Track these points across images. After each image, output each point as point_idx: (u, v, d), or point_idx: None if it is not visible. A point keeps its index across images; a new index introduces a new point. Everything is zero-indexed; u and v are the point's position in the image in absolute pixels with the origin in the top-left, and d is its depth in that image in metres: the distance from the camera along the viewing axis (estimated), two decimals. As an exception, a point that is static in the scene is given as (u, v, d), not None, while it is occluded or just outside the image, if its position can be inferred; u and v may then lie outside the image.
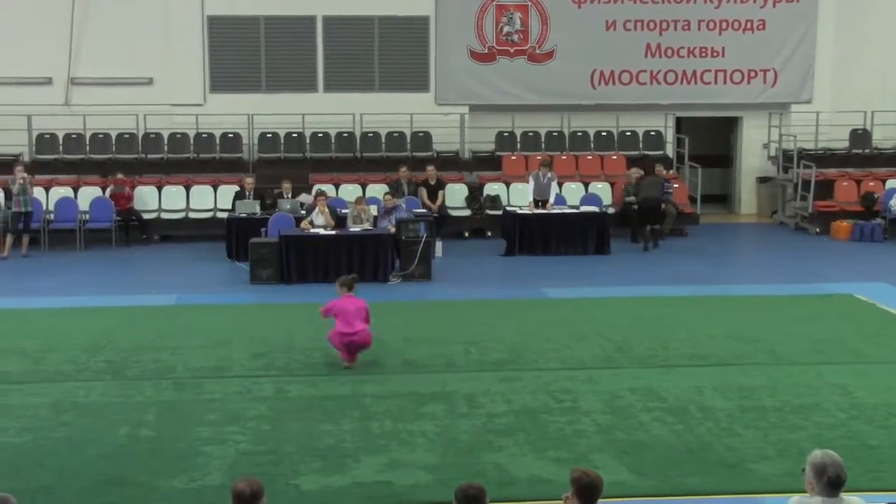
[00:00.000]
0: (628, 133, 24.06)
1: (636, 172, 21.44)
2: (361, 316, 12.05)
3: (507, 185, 22.41)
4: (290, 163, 22.55)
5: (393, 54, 23.51)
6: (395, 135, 23.22)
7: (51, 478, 8.93)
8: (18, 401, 10.99)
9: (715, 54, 24.14)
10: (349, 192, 21.37)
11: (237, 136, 22.84)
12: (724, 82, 24.30)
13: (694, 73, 24.18)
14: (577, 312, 15.01)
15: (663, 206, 20.89)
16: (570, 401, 10.94)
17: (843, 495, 5.66)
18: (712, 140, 25.55)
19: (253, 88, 23.20)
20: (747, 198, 25.31)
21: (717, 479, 8.90)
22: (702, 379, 11.66)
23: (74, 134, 22.54)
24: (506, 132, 23.71)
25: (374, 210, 18.76)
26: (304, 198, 19.93)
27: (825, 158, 23.84)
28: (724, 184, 26.06)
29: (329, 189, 21.08)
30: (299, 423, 10.31)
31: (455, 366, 12.33)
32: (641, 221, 20.75)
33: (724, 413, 10.51)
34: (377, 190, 21.17)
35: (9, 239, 19.47)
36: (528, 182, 20.96)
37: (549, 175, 20.50)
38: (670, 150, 24.22)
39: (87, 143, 22.61)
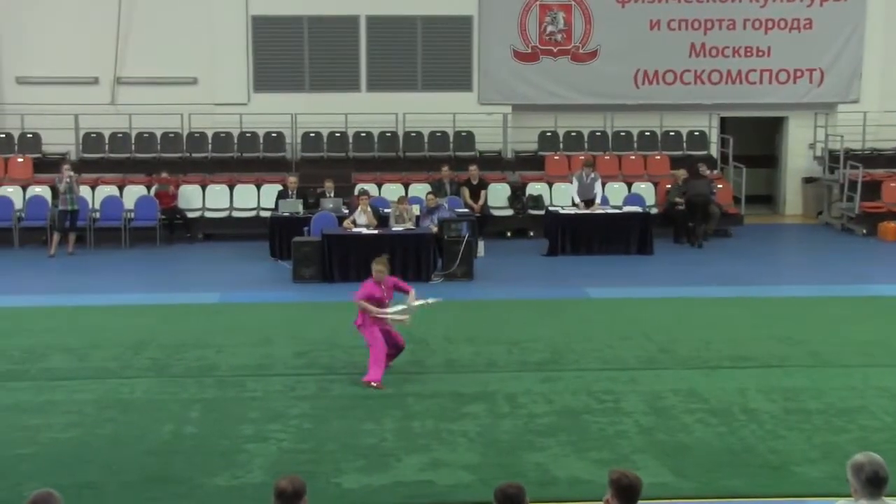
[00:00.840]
0: (672, 133, 23.93)
1: (682, 173, 21.37)
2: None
3: (550, 185, 22.35)
4: (332, 162, 22.63)
5: (436, 54, 23.52)
6: (437, 134, 23.24)
7: (96, 473, 9.02)
8: (64, 397, 11.10)
9: (760, 54, 23.94)
10: (392, 191, 21.41)
11: (280, 136, 22.95)
12: (770, 82, 24.10)
13: (739, 72, 23.99)
14: (619, 313, 14.95)
15: (709, 206, 20.84)
16: (611, 401, 10.89)
17: (889, 500, 5.58)
18: (757, 140, 25.35)
19: (296, 88, 23.30)
20: (793, 198, 25.09)
21: (760, 482, 8.83)
22: (745, 381, 11.57)
23: (120, 133, 22.75)
24: (549, 132, 23.66)
25: (416, 209, 18.77)
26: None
27: (872, 159, 23.58)
28: (769, 184, 25.85)
29: (372, 188, 21.13)
30: (341, 421, 10.34)
31: (497, 366, 12.32)
32: (688, 221, 20.68)
33: (768, 415, 10.43)
34: (420, 189, 21.18)
35: (55, 237, 19.67)
36: (570, 182, 20.93)
37: (592, 175, 20.46)
38: (714, 151, 24.06)
39: (133, 142, 22.81)
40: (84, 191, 20.64)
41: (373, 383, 11.31)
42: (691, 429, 10.07)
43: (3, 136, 22.52)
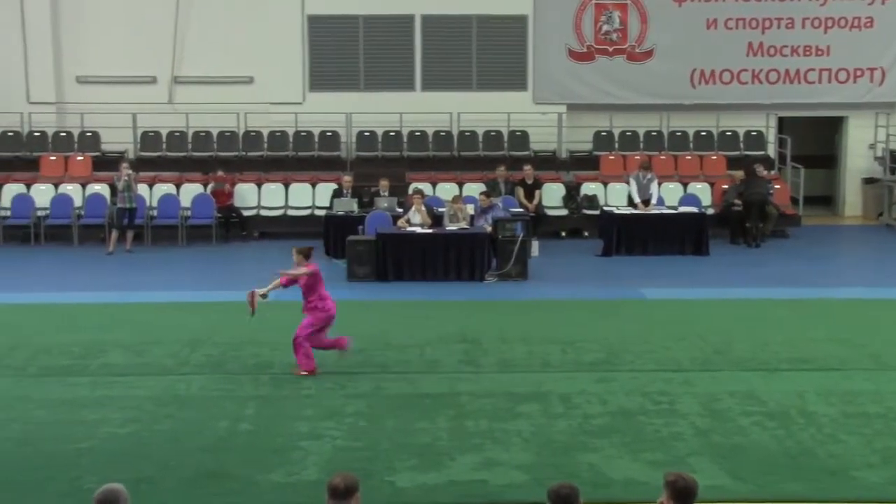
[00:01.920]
0: (728, 133, 23.72)
1: (740, 174, 21.22)
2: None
3: (605, 184, 22.24)
4: (387, 161, 22.68)
5: (491, 53, 23.50)
6: (492, 134, 23.21)
7: (152, 469, 9.10)
8: (122, 393, 11.22)
9: (820, 53, 23.66)
10: (446, 190, 21.42)
11: (335, 135, 23.04)
12: (829, 81, 23.81)
13: (797, 71, 23.73)
14: (674, 313, 14.84)
15: (766, 207, 20.67)
16: (666, 403, 10.81)
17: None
18: (816, 140, 25.05)
19: (351, 87, 23.38)
20: (852, 199, 24.76)
21: (818, 486, 8.71)
22: (803, 383, 11.43)
23: (177, 132, 22.96)
24: (604, 132, 23.55)
25: (470, 209, 18.76)
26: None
27: (934, 159, 23.24)
28: (827, 185, 25.52)
29: (426, 188, 21.15)
30: (395, 420, 10.36)
31: (551, 366, 12.28)
32: (745, 222, 20.52)
33: (827, 419, 10.29)
34: (474, 189, 21.17)
35: (114, 234, 19.90)
36: (625, 182, 20.85)
37: (648, 176, 20.37)
38: (772, 151, 23.81)
39: (190, 140, 23.01)
40: (141, 189, 20.86)
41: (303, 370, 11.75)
42: (748, 431, 9.96)
43: (64, 134, 22.82)
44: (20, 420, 10.38)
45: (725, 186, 21.68)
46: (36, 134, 22.78)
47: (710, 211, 21.19)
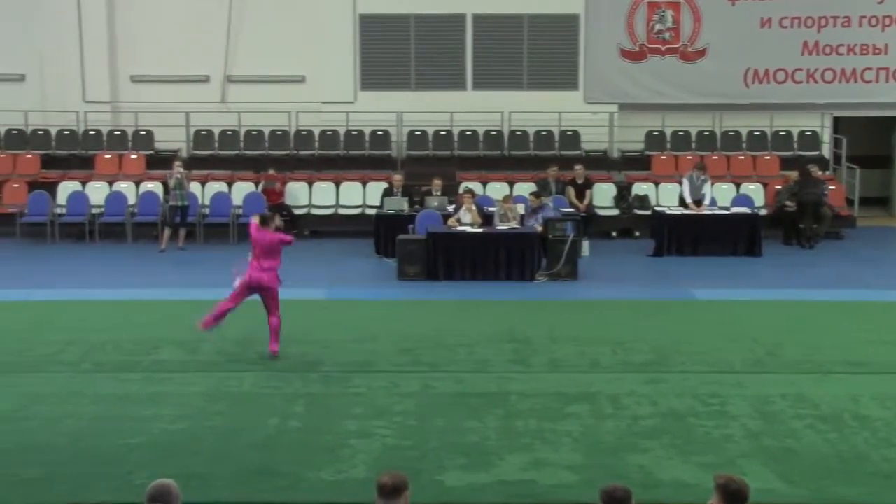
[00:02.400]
0: (782, 133, 23.47)
1: (794, 175, 21.01)
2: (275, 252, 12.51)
3: (657, 184, 22.10)
4: (438, 160, 22.68)
5: (542, 52, 23.41)
6: (543, 133, 23.15)
7: (203, 465, 9.18)
8: (173, 389, 11.33)
9: (877, 51, 23.32)
10: (496, 189, 21.39)
11: (386, 134, 23.10)
12: (886, 80, 23.43)
13: (854, 71, 23.40)
14: (726, 315, 14.72)
15: (820, 207, 20.45)
16: (717, 405, 10.73)
17: None
18: (871, 140, 24.70)
19: (402, 86, 23.41)
20: (909, 201, 24.43)
21: (872, 491, 8.61)
22: (857, 387, 11.29)
23: (230, 130, 23.13)
24: (655, 131, 23.40)
25: (521, 208, 18.72)
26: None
27: None
28: (884, 186, 25.15)
29: (476, 187, 21.13)
30: (444, 419, 10.37)
31: (601, 366, 12.23)
32: (798, 222, 20.31)
33: (882, 423, 10.17)
34: (524, 188, 21.10)
35: (166, 232, 20.08)
36: (678, 182, 20.73)
37: (703, 177, 20.23)
38: (826, 151, 23.53)
39: (242, 139, 23.17)
40: (194, 187, 21.01)
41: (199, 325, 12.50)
42: (800, 434, 9.87)
43: (118, 133, 23.07)
44: (74, 415, 10.51)
45: (779, 187, 21.45)
46: (91, 133, 23.05)
47: (763, 211, 20.99)
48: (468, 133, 23.12)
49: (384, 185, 21.04)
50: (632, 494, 5.55)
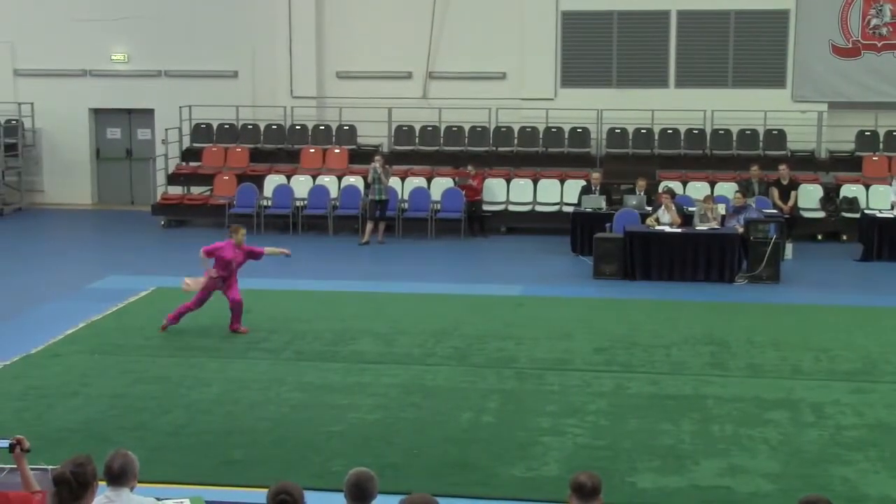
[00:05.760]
0: None
1: None
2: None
3: (867, 187, 21.23)
4: (637, 159, 22.42)
5: (748, 49, 22.81)
6: (747, 132, 22.56)
7: (398, 455, 9.33)
8: (371, 380, 11.56)
9: None
10: (697, 189, 20.98)
11: (586, 131, 22.95)
12: None
13: None
14: (940, 324, 14.02)
15: None
16: (930, 418, 10.24)
17: None
18: None
19: (603, 83, 23.21)
20: None
21: None
22: None
23: (430, 126, 23.43)
24: (867, 131, 22.47)
25: (722, 209, 18.31)
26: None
27: None
28: None
29: (676, 186, 20.79)
30: (638, 420, 10.24)
31: (802, 373, 11.85)
32: None
33: None
34: (726, 188, 20.65)
35: (368, 225, 20.51)
36: (890, 185, 19.86)
37: (916, 180, 19.37)
38: None
39: (442, 135, 23.44)
40: (394, 182, 21.37)
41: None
42: None
43: (323, 128, 23.70)
44: (276, 402, 10.85)
45: None
46: (297, 127, 23.76)
47: (984, 216, 19.88)
48: (669, 131, 22.74)
49: (582, 182, 20.93)
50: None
